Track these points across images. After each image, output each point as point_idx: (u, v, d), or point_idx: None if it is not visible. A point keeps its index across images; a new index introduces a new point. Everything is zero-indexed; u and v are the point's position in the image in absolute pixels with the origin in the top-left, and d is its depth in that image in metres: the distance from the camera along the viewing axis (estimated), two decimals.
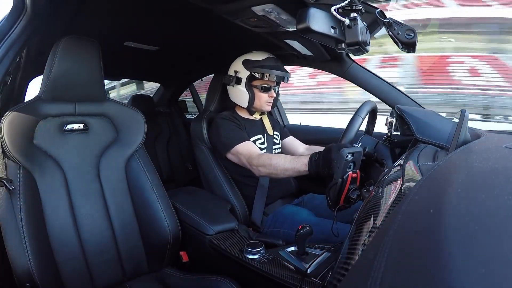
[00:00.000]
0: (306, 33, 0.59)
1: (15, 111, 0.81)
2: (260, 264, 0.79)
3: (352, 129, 0.96)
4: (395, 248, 0.26)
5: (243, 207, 1.17)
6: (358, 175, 0.80)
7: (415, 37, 0.64)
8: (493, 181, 0.33)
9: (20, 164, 0.78)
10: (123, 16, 1.02)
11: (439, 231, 0.25)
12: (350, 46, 0.63)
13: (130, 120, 1.00)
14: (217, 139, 1.17)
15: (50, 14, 0.85)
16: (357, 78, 1.21)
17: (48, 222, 0.81)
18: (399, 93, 1.17)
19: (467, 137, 0.61)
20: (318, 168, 0.87)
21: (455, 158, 0.44)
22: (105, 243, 0.90)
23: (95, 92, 0.94)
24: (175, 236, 0.96)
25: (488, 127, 0.90)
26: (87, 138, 0.93)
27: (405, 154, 0.69)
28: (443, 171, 0.39)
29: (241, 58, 1.20)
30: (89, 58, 0.89)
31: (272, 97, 1.22)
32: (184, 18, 1.05)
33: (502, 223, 0.25)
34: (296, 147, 1.38)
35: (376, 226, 0.37)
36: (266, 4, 0.80)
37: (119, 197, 0.95)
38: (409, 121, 0.84)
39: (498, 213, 0.26)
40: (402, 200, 0.33)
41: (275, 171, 0.97)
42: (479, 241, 0.23)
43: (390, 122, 0.97)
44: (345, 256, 0.38)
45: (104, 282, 0.88)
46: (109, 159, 0.95)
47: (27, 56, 1.22)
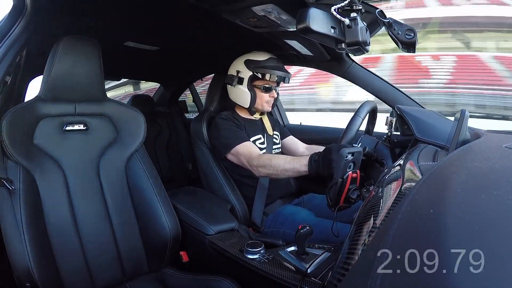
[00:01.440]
0: (306, 33, 0.59)
1: (15, 111, 0.81)
2: (260, 264, 0.79)
3: (352, 129, 0.96)
4: (395, 248, 0.26)
5: (243, 207, 1.17)
6: (358, 175, 0.80)
7: (415, 37, 0.64)
8: (493, 181, 0.33)
9: (20, 164, 0.78)
10: (123, 16, 1.02)
11: (439, 231, 0.25)
12: (350, 46, 0.63)
13: (130, 120, 1.00)
14: (217, 139, 1.17)
15: (50, 14, 0.85)
16: (357, 78, 1.21)
17: (48, 222, 0.81)
18: (399, 93, 1.17)
19: (467, 137, 0.61)
20: (318, 168, 0.87)
21: (455, 158, 0.44)
22: (105, 243, 0.90)
23: (95, 92, 0.94)
24: (175, 236, 0.96)
25: (488, 126, 0.90)
26: (87, 138, 0.93)
27: (405, 154, 0.69)
28: (443, 171, 0.39)
29: (243, 58, 1.20)
30: (89, 58, 0.89)
31: (273, 97, 1.22)
32: (184, 18, 1.04)
33: (502, 223, 0.25)
34: (296, 147, 1.38)
35: (376, 226, 0.37)
36: (266, 4, 0.80)
37: (119, 197, 0.95)
38: (409, 121, 0.84)
39: (498, 213, 0.26)
40: (402, 200, 0.33)
41: (275, 171, 0.97)
42: (480, 241, 0.23)
43: (390, 122, 0.97)
44: (345, 256, 0.38)
45: (104, 282, 0.88)
46: (109, 159, 0.95)
47: (27, 56, 1.22)
